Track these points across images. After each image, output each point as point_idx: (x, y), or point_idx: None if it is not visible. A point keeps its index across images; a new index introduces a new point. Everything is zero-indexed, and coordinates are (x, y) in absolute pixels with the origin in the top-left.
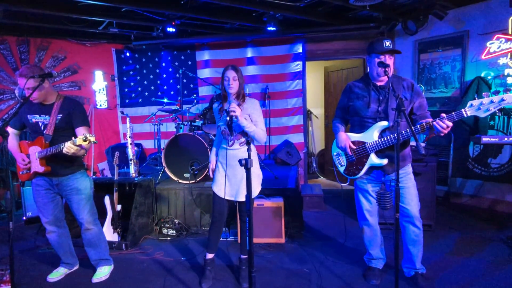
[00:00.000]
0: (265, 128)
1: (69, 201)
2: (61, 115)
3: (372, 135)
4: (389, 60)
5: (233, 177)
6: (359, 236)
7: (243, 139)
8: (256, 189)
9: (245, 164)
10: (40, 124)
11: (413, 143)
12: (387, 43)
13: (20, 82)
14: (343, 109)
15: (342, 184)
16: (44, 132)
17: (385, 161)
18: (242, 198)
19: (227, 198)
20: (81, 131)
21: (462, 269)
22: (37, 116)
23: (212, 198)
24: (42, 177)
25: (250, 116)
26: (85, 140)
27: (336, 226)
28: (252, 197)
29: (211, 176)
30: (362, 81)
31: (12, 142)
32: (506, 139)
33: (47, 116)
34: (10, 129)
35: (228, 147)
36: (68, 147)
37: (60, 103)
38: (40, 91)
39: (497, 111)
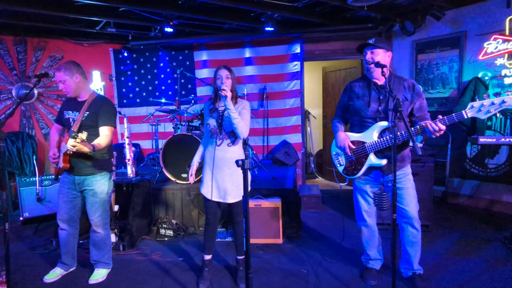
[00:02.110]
0: (249, 125)
1: (86, 199)
2: (88, 112)
3: (371, 135)
4: (370, 55)
5: (221, 178)
6: (357, 236)
7: (229, 140)
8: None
9: (242, 164)
10: (71, 120)
11: (410, 143)
12: (370, 41)
13: (55, 75)
14: (343, 108)
15: (341, 184)
16: (71, 128)
17: (384, 162)
18: (230, 200)
19: (215, 200)
20: (103, 131)
21: (459, 269)
22: (70, 112)
23: (203, 200)
24: (68, 174)
25: (240, 113)
26: (73, 137)
27: (334, 226)
28: (241, 198)
29: (191, 182)
30: (363, 80)
31: (54, 137)
32: (503, 139)
33: (77, 112)
34: (55, 124)
35: (216, 147)
36: (71, 146)
37: (91, 100)
38: (70, 86)
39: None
